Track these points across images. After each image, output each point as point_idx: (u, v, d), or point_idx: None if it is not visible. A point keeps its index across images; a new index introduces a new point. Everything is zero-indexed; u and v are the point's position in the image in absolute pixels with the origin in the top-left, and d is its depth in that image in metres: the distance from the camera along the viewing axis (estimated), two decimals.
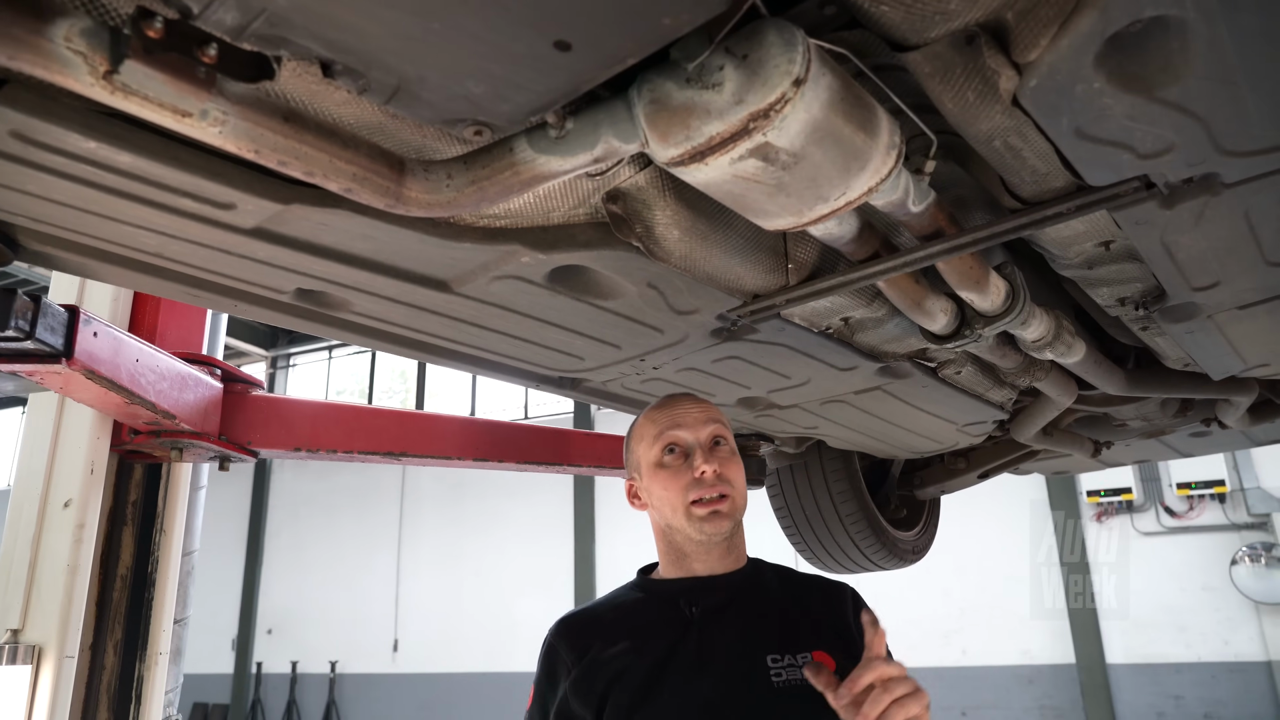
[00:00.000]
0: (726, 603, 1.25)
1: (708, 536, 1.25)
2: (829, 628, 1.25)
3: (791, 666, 1.17)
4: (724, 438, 1.29)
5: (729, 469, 1.26)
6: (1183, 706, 8.26)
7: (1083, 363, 1.73)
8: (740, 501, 1.27)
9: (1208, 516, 8.58)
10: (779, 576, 1.33)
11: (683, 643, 1.21)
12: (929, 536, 2.96)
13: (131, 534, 1.97)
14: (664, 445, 1.28)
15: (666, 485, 1.27)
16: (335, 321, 1.41)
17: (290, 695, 12.54)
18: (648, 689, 1.17)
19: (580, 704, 1.19)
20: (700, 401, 1.33)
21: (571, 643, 1.25)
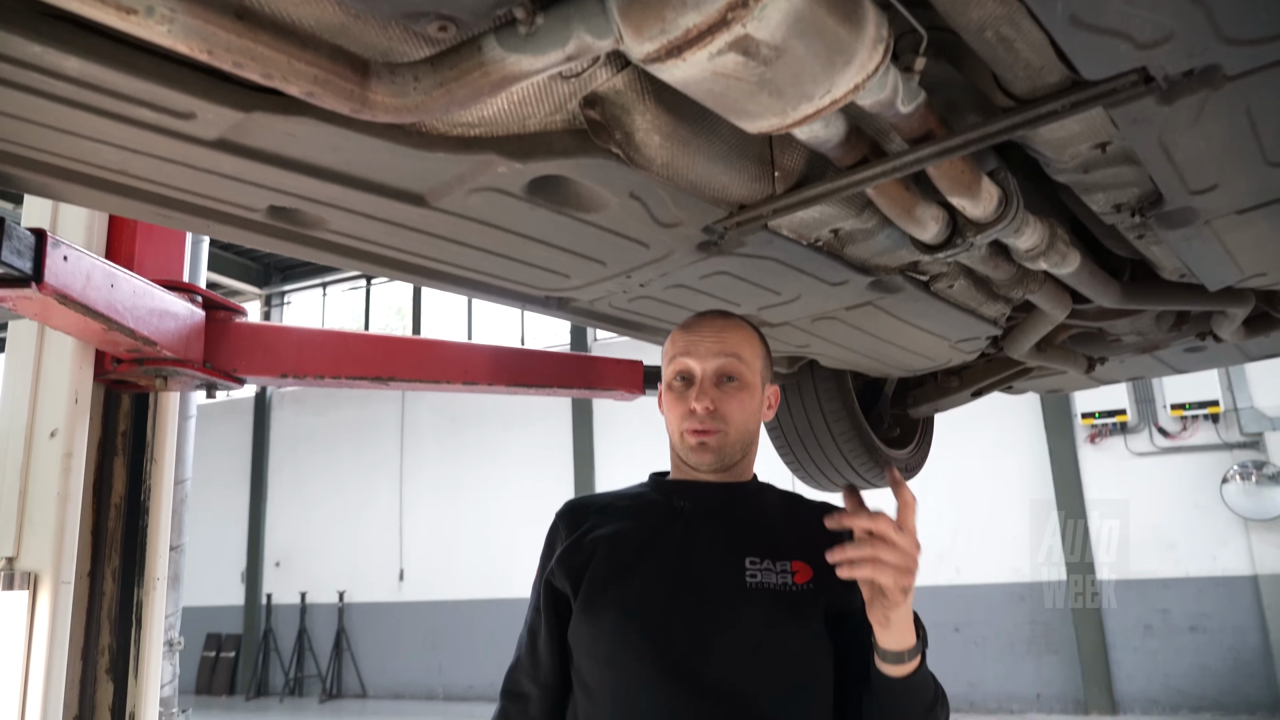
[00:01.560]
0: (720, 506, 1.27)
1: (694, 463, 1.27)
2: (818, 545, 1.22)
3: (768, 571, 1.19)
4: (734, 373, 1.26)
5: (727, 405, 1.25)
6: (1169, 619, 8.46)
7: (1077, 274, 1.70)
8: (736, 437, 1.25)
9: (1201, 437, 8.65)
10: (783, 497, 1.34)
11: (668, 532, 1.25)
12: (922, 455, 2.97)
13: (123, 464, 1.97)
14: (674, 371, 1.28)
15: (669, 408, 1.29)
16: (312, 241, 1.37)
17: (300, 624, 12.81)
18: (621, 570, 1.21)
19: (562, 577, 1.24)
20: (721, 329, 1.29)
21: (569, 521, 1.31)
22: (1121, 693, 8.51)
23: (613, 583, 1.20)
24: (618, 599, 1.19)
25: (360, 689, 12.31)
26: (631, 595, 1.18)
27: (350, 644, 12.50)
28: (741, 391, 1.26)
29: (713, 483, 1.29)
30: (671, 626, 1.15)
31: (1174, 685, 8.32)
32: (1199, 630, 8.32)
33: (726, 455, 1.26)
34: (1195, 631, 8.33)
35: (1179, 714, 8.21)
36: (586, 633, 1.19)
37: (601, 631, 1.18)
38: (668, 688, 1.13)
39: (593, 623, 1.19)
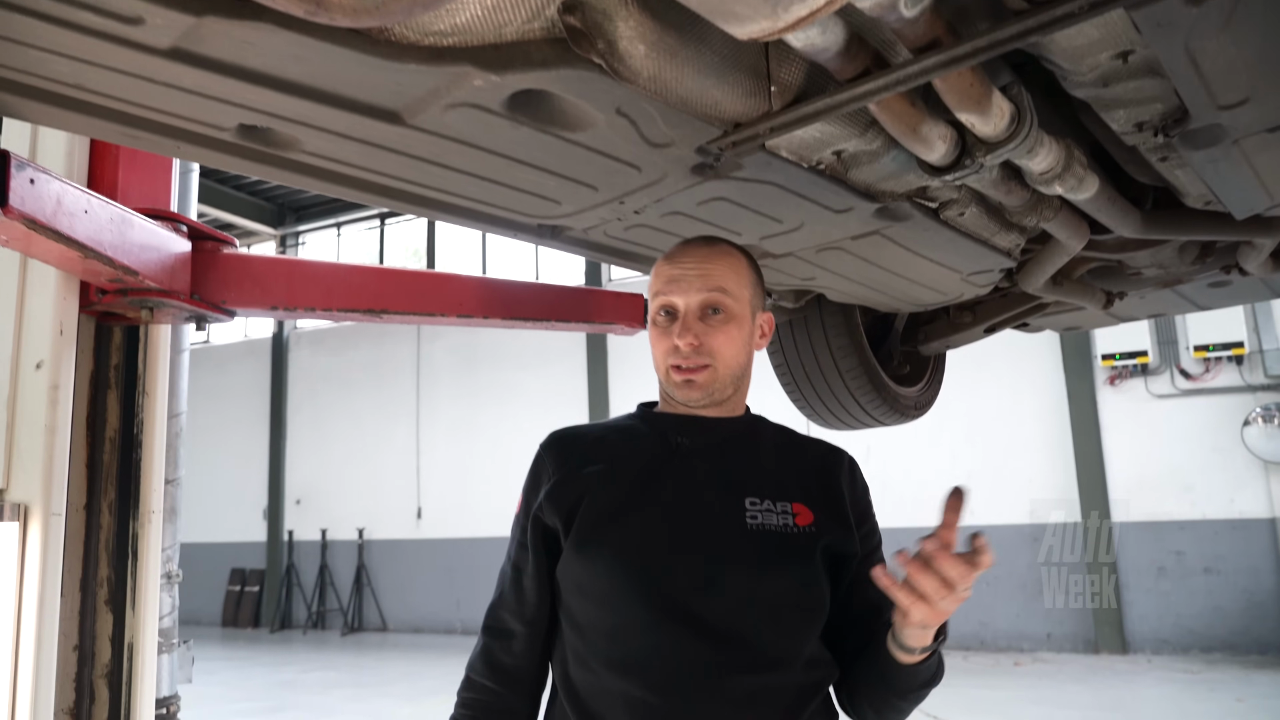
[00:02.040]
0: (717, 443, 1.24)
1: (680, 400, 1.24)
2: (818, 487, 1.23)
3: (769, 512, 1.16)
4: (720, 305, 1.20)
5: (714, 339, 1.20)
6: (1183, 561, 8.45)
7: (1095, 200, 1.62)
8: (725, 372, 1.21)
9: (1223, 379, 8.52)
10: (778, 432, 1.31)
11: (664, 470, 1.21)
12: (932, 392, 2.91)
13: (116, 397, 1.95)
14: (658, 305, 1.24)
15: (654, 343, 1.25)
16: (286, 163, 1.31)
17: (321, 560, 13.08)
18: (617, 508, 1.17)
19: (552, 513, 1.20)
20: (705, 259, 1.23)
21: (556, 454, 1.26)
22: (1133, 632, 8.55)
23: (608, 521, 1.16)
24: (613, 539, 1.15)
25: (381, 623, 12.60)
26: (628, 535, 1.15)
27: (370, 579, 12.76)
28: (729, 324, 1.21)
29: (707, 418, 1.25)
30: (670, 568, 1.13)
31: (1186, 626, 8.34)
32: (1213, 572, 8.30)
33: (716, 391, 1.22)
34: (1209, 573, 8.32)
35: (1190, 654, 8.25)
36: (580, 571, 1.16)
37: (596, 571, 1.15)
38: (665, 628, 1.10)
39: (587, 562, 1.15)
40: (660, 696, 1.07)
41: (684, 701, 1.07)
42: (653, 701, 1.07)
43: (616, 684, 1.10)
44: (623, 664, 1.10)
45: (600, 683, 1.11)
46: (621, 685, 1.09)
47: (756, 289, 1.28)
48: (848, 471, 1.28)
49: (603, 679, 1.11)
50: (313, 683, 8.74)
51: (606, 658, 1.12)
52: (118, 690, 1.84)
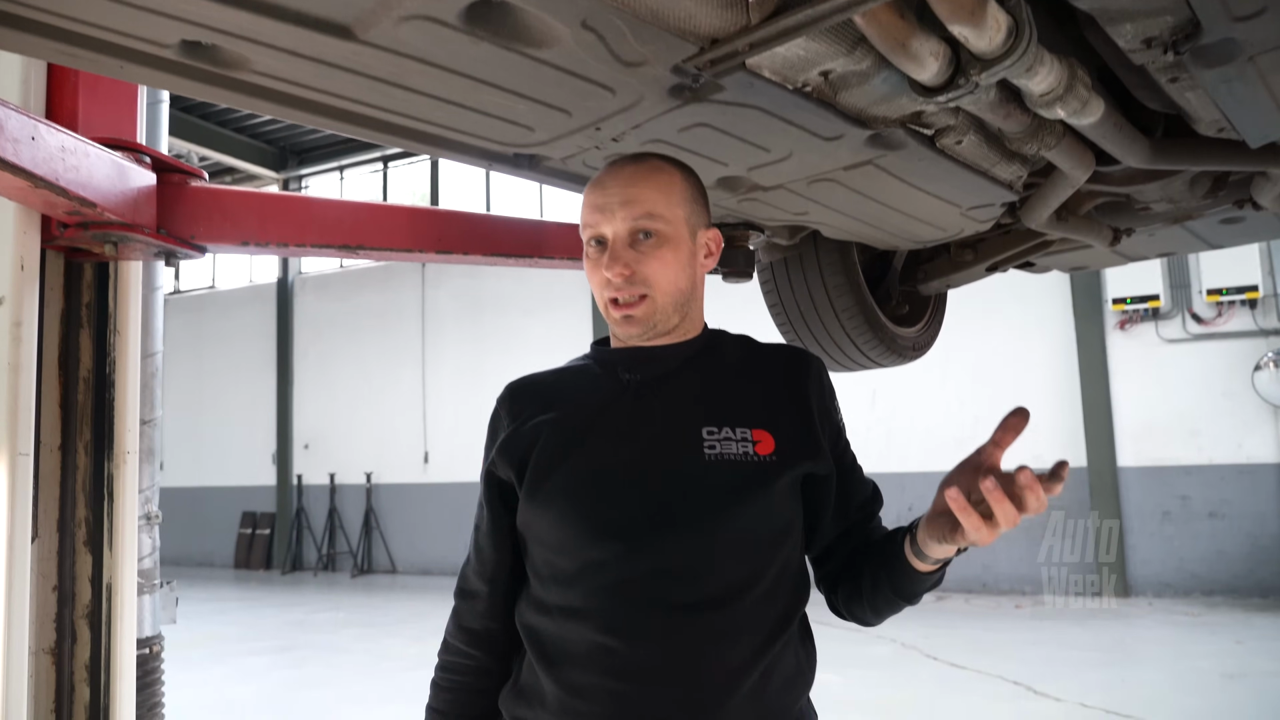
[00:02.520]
0: (669, 373, 1.17)
1: (621, 336, 1.17)
2: (784, 403, 1.15)
3: (728, 440, 1.10)
4: (649, 229, 1.12)
5: (649, 267, 1.11)
6: (1189, 506, 8.43)
7: (1100, 126, 1.53)
8: (665, 299, 1.13)
9: (1236, 323, 8.40)
10: (738, 346, 1.24)
11: (614, 408, 1.15)
12: (932, 333, 2.84)
13: (89, 335, 1.90)
14: (587, 236, 1.16)
15: (590, 279, 1.17)
16: (237, 84, 1.24)
17: (330, 504, 13.22)
18: (567, 451, 1.12)
19: (505, 466, 1.16)
20: (630, 180, 1.14)
21: (510, 406, 1.22)
22: (1135, 576, 8.58)
23: (559, 466, 1.11)
24: (563, 482, 1.10)
25: (390, 565, 12.78)
26: (578, 477, 1.10)
27: (379, 523, 12.91)
28: (662, 248, 1.12)
29: (657, 347, 1.18)
30: (624, 506, 1.07)
31: (1189, 570, 8.36)
32: (1218, 516, 8.29)
33: (658, 322, 1.14)
34: (1214, 518, 8.30)
35: (1191, 597, 8.28)
36: (534, 520, 1.12)
37: (550, 518, 1.10)
38: (620, 569, 1.05)
39: (539, 509, 1.11)
40: (620, 639, 1.03)
41: (645, 642, 1.03)
42: (613, 645, 1.03)
43: (576, 630, 1.06)
44: (582, 609, 1.06)
45: (560, 630, 1.08)
46: (581, 631, 1.06)
47: (694, 205, 1.18)
48: (815, 379, 1.19)
49: (562, 626, 1.08)
50: (323, 623, 8.88)
51: (564, 604, 1.08)
52: (98, 630, 1.83)
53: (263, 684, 6.31)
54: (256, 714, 5.45)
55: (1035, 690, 5.37)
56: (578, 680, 1.05)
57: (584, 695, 1.04)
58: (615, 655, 1.03)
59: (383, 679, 6.27)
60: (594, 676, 1.04)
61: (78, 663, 1.84)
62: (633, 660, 1.02)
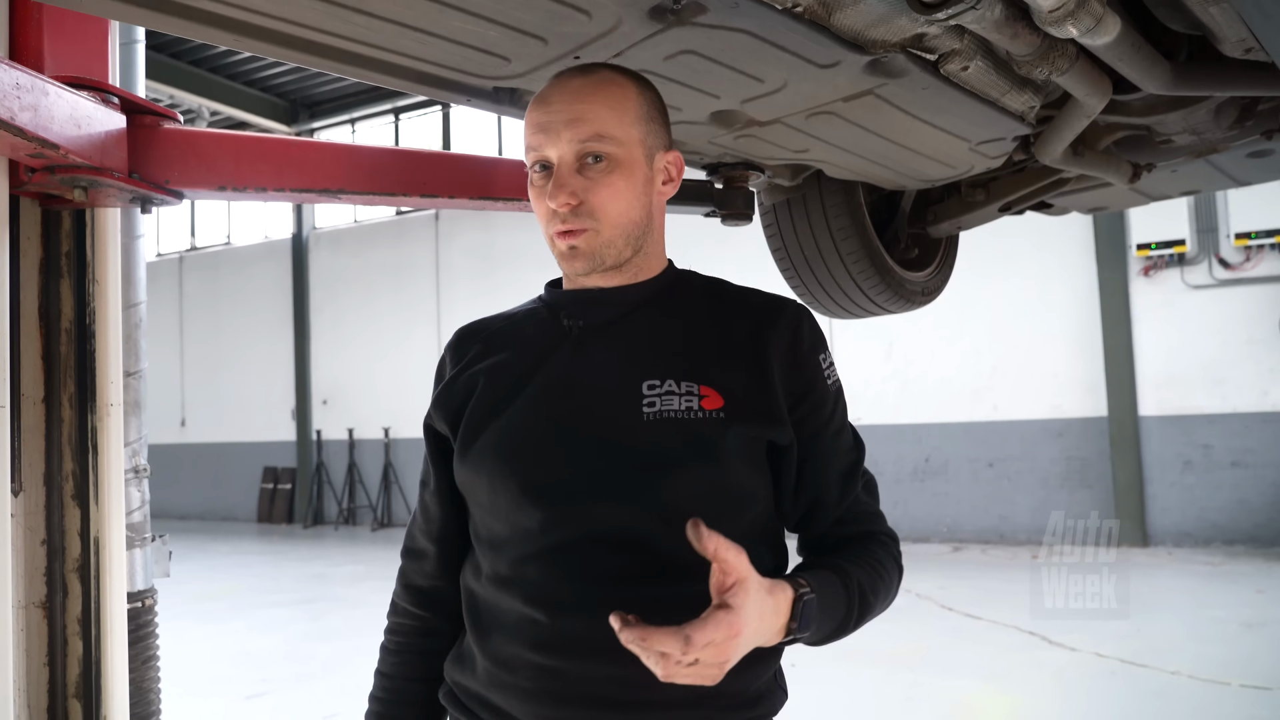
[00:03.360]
0: (615, 319, 1.06)
1: (567, 272, 1.06)
2: (744, 357, 1.01)
3: (670, 395, 0.97)
4: (598, 152, 0.98)
5: (596, 194, 0.98)
6: (1211, 455, 8.31)
7: (1116, 46, 1.42)
8: (613, 231, 1.00)
9: (1265, 267, 8.18)
10: (705, 291, 1.10)
11: (554, 358, 1.04)
12: (942, 277, 2.75)
13: (69, 285, 1.85)
14: (531, 160, 1.02)
15: (534, 206, 1.04)
16: (187, 11, 1.17)
17: (350, 459, 13.35)
18: (498, 406, 1.03)
19: (441, 418, 1.09)
20: (577, 95, 1.00)
21: (454, 351, 1.14)
22: (1155, 526, 8.51)
23: (490, 423, 1.02)
24: (492, 439, 1.01)
25: (409, 518, 12.93)
26: (507, 435, 1.00)
27: (397, 477, 13.03)
28: (612, 174, 0.99)
29: (606, 289, 1.06)
30: (553, 469, 0.97)
31: (1209, 519, 8.28)
32: (1240, 465, 8.18)
33: (606, 256, 1.01)
34: (1237, 467, 8.19)
35: (1212, 546, 8.21)
36: (467, 479, 1.04)
37: (480, 477, 1.01)
38: (551, 537, 0.96)
39: (471, 468, 1.02)
40: (547, 613, 0.94)
41: (575, 616, 0.93)
42: (539, 619, 0.94)
43: (505, 599, 0.98)
44: (510, 578, 0.98)
45: (491, 597, 1.00)
46: (509, 600, 0.98)
47: (651, 124, 1.04)
48: (786, 332, 1.03)
49: (493, 593, 1.00)
50: (343, 575, 9.02)
51: (493, 571, 1.00)
52: (88, 584, 1.82)
53: (283, 635, 6.41)
54: (276, 664, 5.54)
55: (1050, 640, 5.34)
56: (504, 651, 0.98)
57: (510, 668, 0.97)
58: (541, 628, 0.94)
59: None
60: (520, 649, 0.96)
61: (69, 616, 1.83)
62: (560, 634, 0.94)
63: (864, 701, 4.31)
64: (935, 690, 4.54)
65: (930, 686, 4.60)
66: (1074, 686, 4.56)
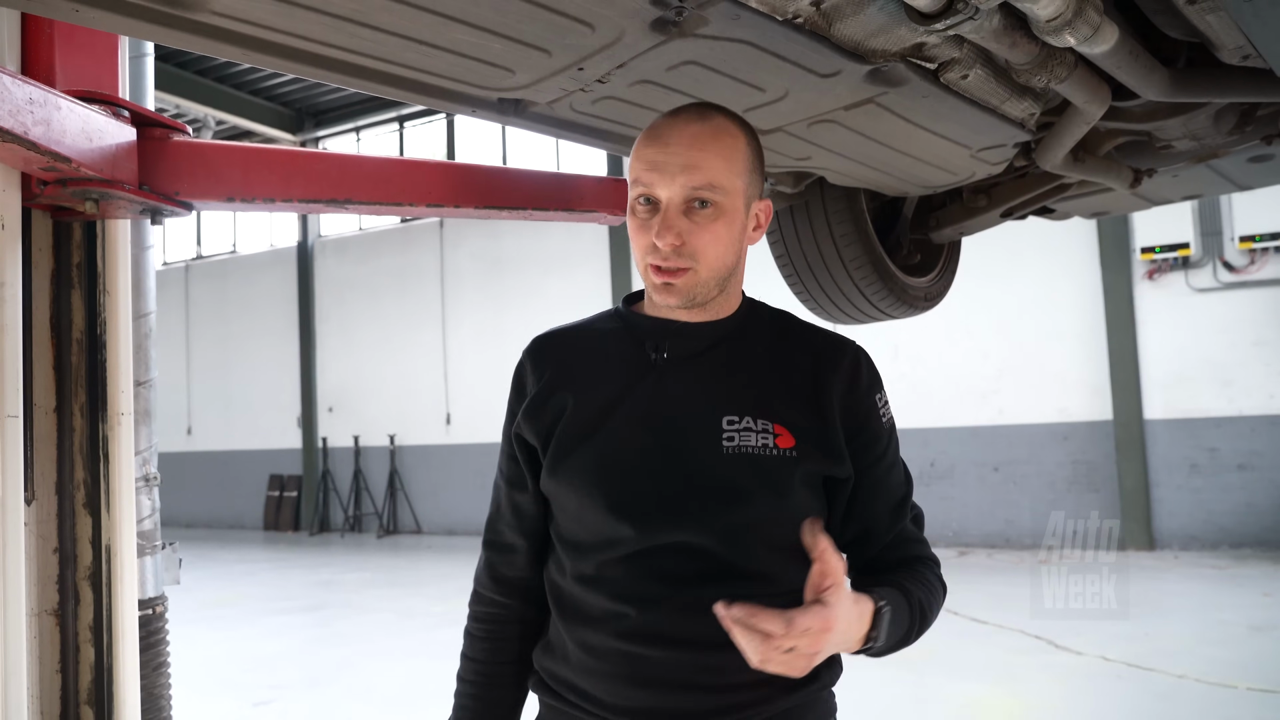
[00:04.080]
0: (697, 353, 1.13)
1: (659, 304, 1.12)
2: (807, 396, 1.10)
3: (748, 431, 1.06)
4: (708, 199, 1.04)
5: (699, 239, 1.04)
6: (1217, 458, 8.29)
7: (1114, 54, 1.44)
8: (709, 275, 1.08)
9: (1269, 270, 8.18)
10: (775, 328, 1.18)
11: (639, 387, 1.12)
12: (945, 283, 2.76)
13: (80, 296, 1.88)
14: (637, 193, 1.08)
15: (633, 236, 1.10)
16: (195, 26, 1.19)
17: (355, 465, 13.38)
18: (589, 429, 1.11)
19: (531, 432, 1.17)
20: (694, 140, 1.05)
21: (536, 363, 1.21)
22: (1161, 529, 8.49)
23: (580, 445, 1.11)
24: (584, 462, 1.10)
25: (415, 525, 12.94)
26: (597, 458, 1.09)
27: (403, 484, 13.05)
28: (717, 221, 1.05)
29: (690, 324, 1.14)
30: (642, 493, 1.07)
31: (1216, 522, 8.25)
32: (1247, 468, 8.15)
33: (698, 295, 1.09)
34: (1244, 470, 8.17)
35: (1219, 550, 8.18)
36: (554, 490, 1.13)
37: (570, 492, 1.11)
38: (634, 546, 1.07)
39: (559, 483, 1.12)
40: (631, 607, 1.06)
41: (656, 610, 1.05)
42: (625, 611, 1.06)
43: (591, 595, 1.09)
44: (594, 577, 1.09)
45: (577, 591, 1.11)
46: (595, 597, 1.09)
47: (754, 174, 1.11)
48: (846, 372, 1.12)
49: (578, 588, 1.11)
50: (350, 582, 9.03)
51: (577, 570, 1.11)
52: (100, 591, 1.84)
53: (292, 641, 6.43)
54: (285, 670, 5.56)
55: (1056, 644, 5.34)
56: (592, 640, 1.08)
57: (597, 655, 1.08)
58: (627, 620, 1.05)
59: (408, 637, 6.37)
60: (607, 638, 1.07)
61: (81, 623, 1.84)
62: (643, 626, 1.05)
63: (873, 702, 4.30)
64: (943, 692, 4.54)
65: (938, 688, 4.60)
66: (1081, 689, 4.55)
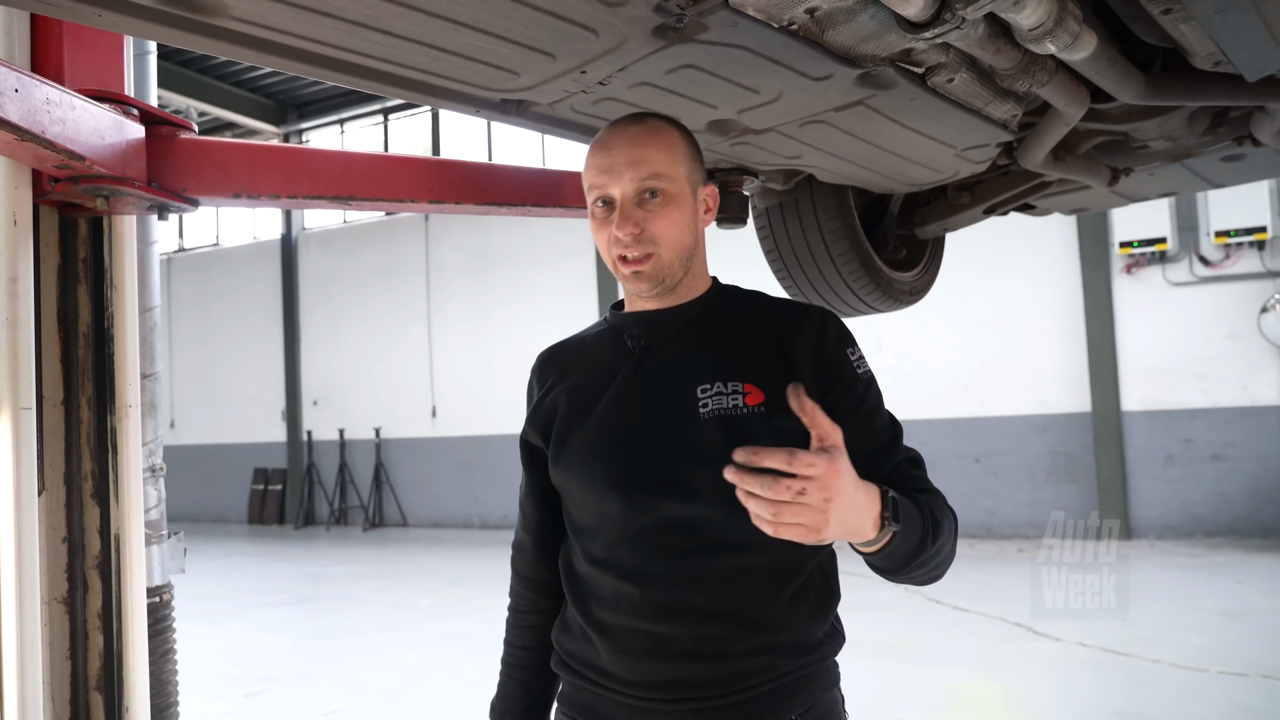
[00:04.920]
0: (671, 336, 1.23)
1: (632, 292, 1.23)
2: (776, 358, 1.16)
3: (719, 394, 1.15)
4: (655, 188, 1.16)
5: (656, 225, 1.16)
6: (1192, 449, 8.46)
7: (1093, 60, 1.51)
8: (671, 255, 1.18)
9: (1244, 265, 8.33)
10: (745, 306, 1.26)
11: (621, 374, 1.23)
12: (929, 277, 2.83)
13: (86, 291, 1.91)
14: (594, 197, 1.20)
15: (596, 237, 1.22)
16: (215, 31, 1.23)
17: (341, 458, 13.37)
18: (580, 418, 1.22)
19: (534, 434, 1.29)
20: (634, 142, 1.18)
21: (540, 375, 1.33)
22: (1137, 519, 8.65)
23: (573, 433, 1.21)
24: (578, 447, 1.20)
25: (401, 518, 12.95)
26: (588, 442, 1.19)
27: (389, 477, 13.06)
28: (668, 206, 1.17)
29: (660, 310, 1.24)
30: (629, 468, 1.15)
31: (1191, 512, 8.42)
32: (1222, 459, 8.32)
33: (666, 277, 1.19)
34: (1218, 460, 8.34)
35: (1193, 539, 8.35)
36: (561, 480, 1.24)
37: (570, 478, 1.21)
38: (631, 524, 1.14)
39: (563, 471, 1.22)
40: (636, 585, 1.13)
41: (658, 586, 1.12)
42: (630, 590, 1.13)
43: (601, 576, 1.17)
44: (603, 559, 1.17)
45: (589, 574, 1.19)
46: (604, 577, 1.16)
47: (694, 163, 1.23)
48: (811, 332, 1.18)
49: (590, 571, 1.19)
50: (338, 575, 9.05)
51: (588, 553, 1.20)
52: (108, 579, 1.88)
53: (282, 635, 6.45)
54: (276, 663, 5.58)
55: (1036, 631, 5.45)
56: (605, 618, 1.16)
57: (610, 632, 1.15)
58: (634, 598, 1.13)
59: (399, 630, 6.41)
60: (618, 616, 1.15)
61: (90, 611, 1.88)
62: (650, 601, 1.12)
63: (860, 690, 4.36)
64: (927, 680, 4.64)
65: (922, 676, 4.69)
66: (1061, 675, 4.66)
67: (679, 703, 1.11)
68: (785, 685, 1.13)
